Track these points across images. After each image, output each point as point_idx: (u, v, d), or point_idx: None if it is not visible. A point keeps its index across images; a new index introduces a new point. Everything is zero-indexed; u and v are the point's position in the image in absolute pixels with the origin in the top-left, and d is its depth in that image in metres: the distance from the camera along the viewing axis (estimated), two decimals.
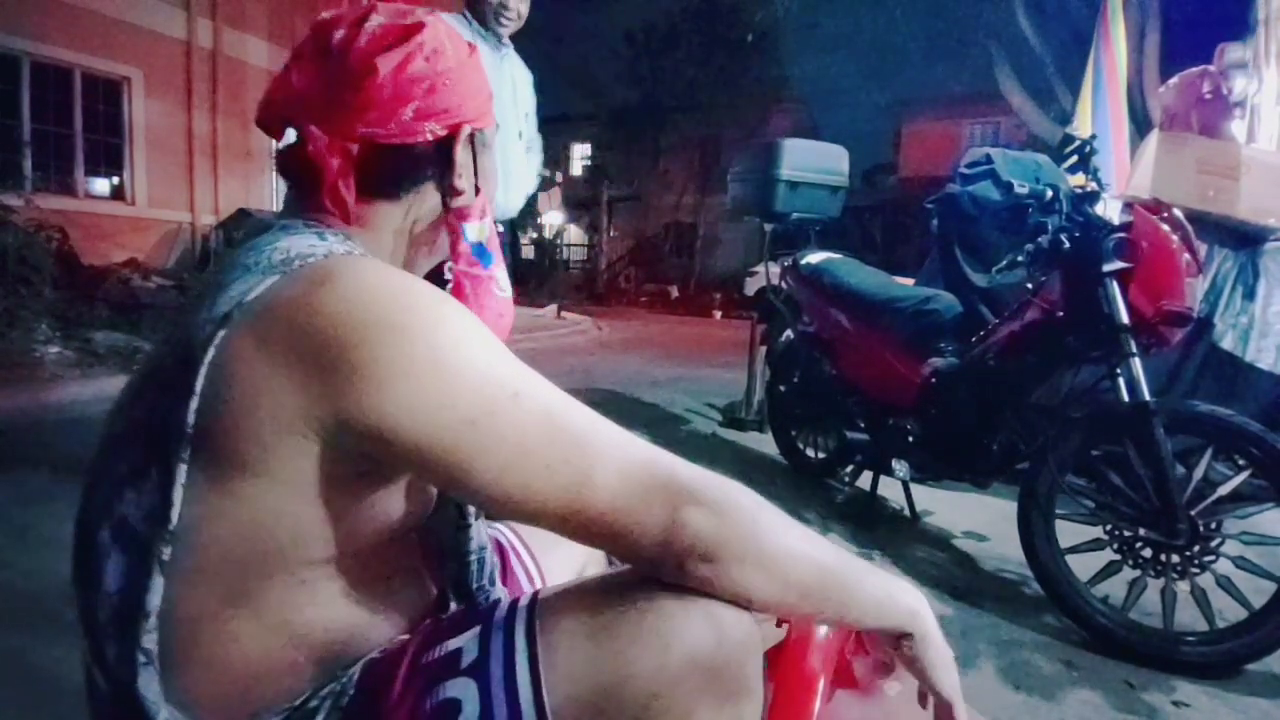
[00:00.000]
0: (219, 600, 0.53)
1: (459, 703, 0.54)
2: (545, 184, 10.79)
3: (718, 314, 14.28)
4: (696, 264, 19.58)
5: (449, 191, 0.64)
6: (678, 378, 5.64)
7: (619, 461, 0.53)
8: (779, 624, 0.72)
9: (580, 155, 23.66)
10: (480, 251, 0.65)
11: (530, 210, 12.03)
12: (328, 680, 0.58)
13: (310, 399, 0.50)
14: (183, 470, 0.51)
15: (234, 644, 0.54)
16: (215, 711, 0.54)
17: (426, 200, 0.65)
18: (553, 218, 18.34)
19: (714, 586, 0.54)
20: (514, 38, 2.31)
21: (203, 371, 0.50)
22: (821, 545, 0.58)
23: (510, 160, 2.24)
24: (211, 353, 0.51)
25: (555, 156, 20.10)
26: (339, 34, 0.60)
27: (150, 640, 0.52)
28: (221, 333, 0.51)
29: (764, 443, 3.42)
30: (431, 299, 0.54)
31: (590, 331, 9.47)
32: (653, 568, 0.55)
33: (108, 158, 6.92)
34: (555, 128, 22.58)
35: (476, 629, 0.58)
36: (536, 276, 17.21)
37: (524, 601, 0.60)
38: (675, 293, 17.71)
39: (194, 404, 0.50)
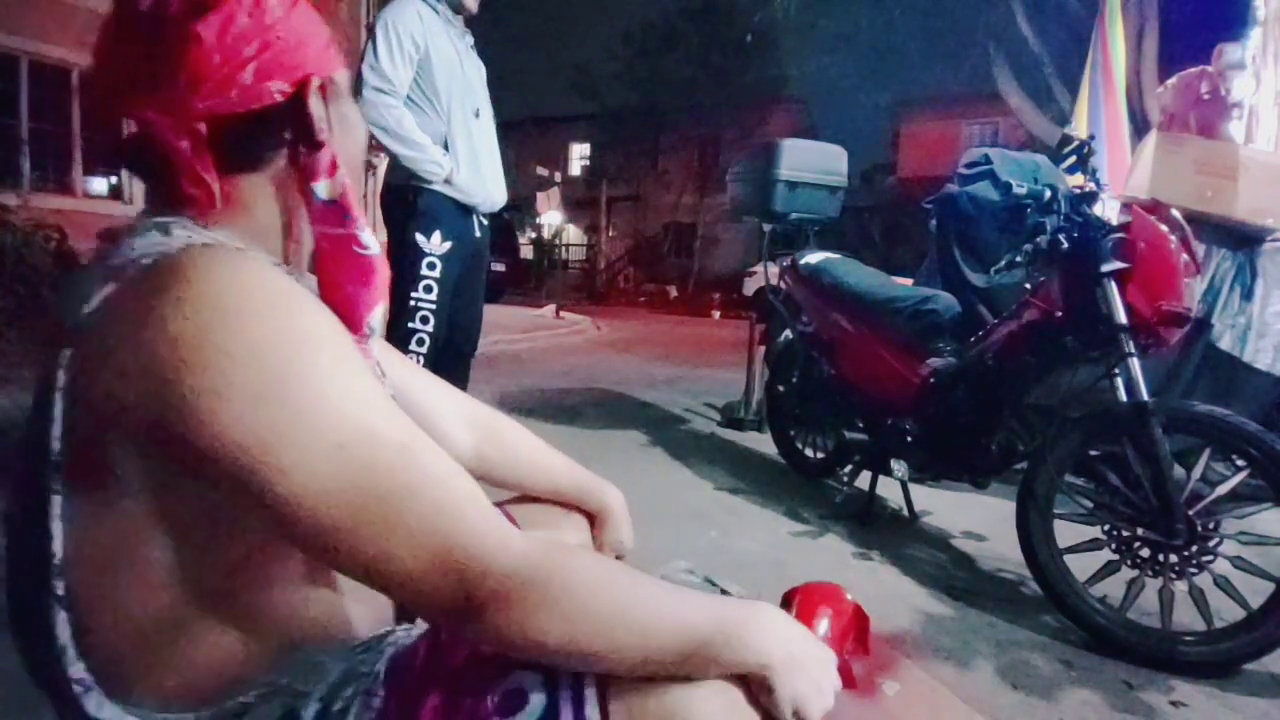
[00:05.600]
0: (140, 616, 0.52)
1: None
2: (544, 184, 10.80)
3: (716, 314, 14.30)
4: (695, 264, 19.59)
5: (312, 147, 0.59)
6: (677, 377, 5.64)
7: (421, 541, 0.50)
8: None
9: (579, 155, 23.68)
10: (335, 209, 0.60)
11: (529, 210, 12.02)
12: (309, 671, 0.58)
13: (148, 419, 0.47)
14: (57, 501, 0.50)
15: (184, 646, 0.54)
16: (191, 705, 0.55)
17: (288, 160, 0.61)
18: (552, 218, 18.32)
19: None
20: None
21: (58, 395, 0.49)
22: (655, 605, 0.55)
23: (475, 139, 2.26)
24: (62, 375, 0.49)
25: (554, 156, 20.09)
26: (146, 3, 0.54)
27: (78, 670, 0.52)
28: (67, 351, 0.49)
29: (763, 442, 3.43)
30: (281, 312, 0.50)
31: (589, 331, 9.47)
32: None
33: (106, 157, 6.91)
34: (554, 127, 22.72)
35: (539, 676, 0.57)
36: (535, 276, 17.21)
37: None
38: (674, 293, 17.73)
39: (55, 430, 0.49)
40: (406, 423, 0.53)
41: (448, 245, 2.19)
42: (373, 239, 0.63)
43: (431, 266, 2.17)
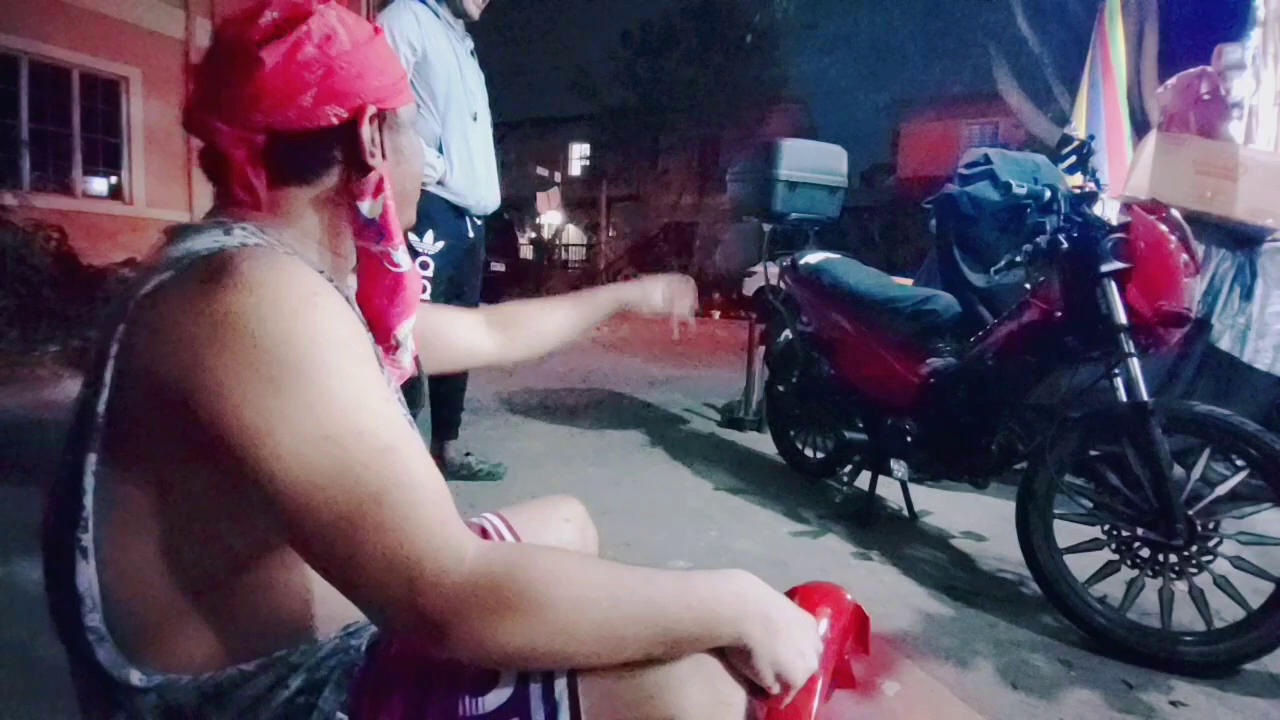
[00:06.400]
0: (163, 576, 0.55)
1: None
2: (544, 184, 10.81)
3: (716, 314, 14.29)
4: (695, 264, 19.58)
5: (359, 170, 0.65)
6: (676, 377, 5.65)
7: (381, 546, 0.51)
8: None
9: (579, 155, 23.69)
10: (374, 227, 0.66)
11: (529, 210, 12.03)
12: (306, 644, 0.61)
13: (177, 393, 0.51)
14: (92, 458, 0.54)
15: (193, 613, 0.57)
16: (192, 668, 0.57)
17: (340, 180, 0.66)
18: (552, 218, 18.32)
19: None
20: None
21: (110, 365, 0.54)
22: (614, 594, 0.55)
23: (471, 142, 2.28)
24: (115, 347, 0.54)
25: (554, 156, 20.10)
26: (232, 30, 0.61)
27: (94, 619, 0.55)
28: (121, 327, 0.54)
29: (762, 442, 3.43)
30: (309, 309, 0.53)
31: (589, 331, 9.46)
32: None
33: (106, 157, 6.91)
34: (554, 127, 22.72)
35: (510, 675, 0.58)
36: (535, 277, 17.20)
37: None
38: None
39: (104, 396, 0.53)
40: (400, 427, 0.55)
41: (440, 245, 2.22)
42: (405, 258, 0.69)
43: (425, 266, 2.21)
